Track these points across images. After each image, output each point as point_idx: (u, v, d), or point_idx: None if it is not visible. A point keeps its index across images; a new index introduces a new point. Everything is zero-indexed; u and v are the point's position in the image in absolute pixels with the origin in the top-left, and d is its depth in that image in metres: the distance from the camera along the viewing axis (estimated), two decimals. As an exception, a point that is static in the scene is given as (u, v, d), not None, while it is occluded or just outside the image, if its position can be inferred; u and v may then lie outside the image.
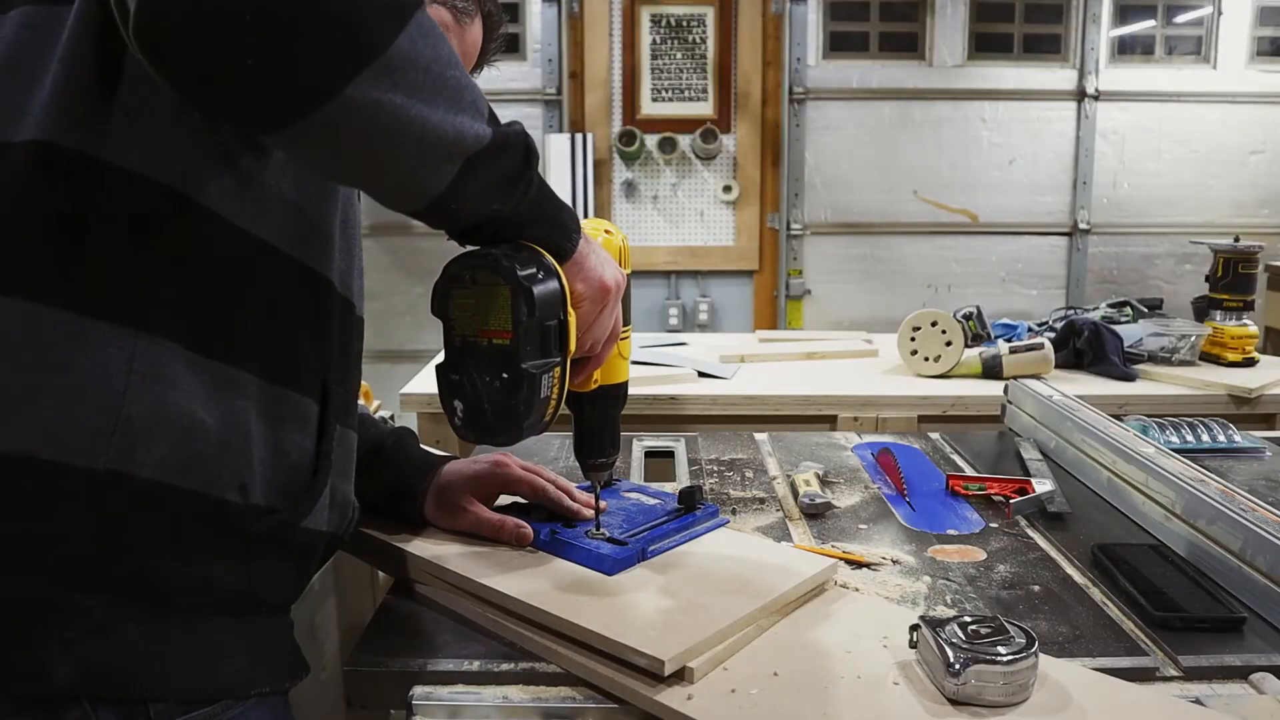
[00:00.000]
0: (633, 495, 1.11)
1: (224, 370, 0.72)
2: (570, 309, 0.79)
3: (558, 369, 0.79)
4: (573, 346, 0.80)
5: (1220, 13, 4.54)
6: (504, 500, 1.07)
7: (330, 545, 0.85)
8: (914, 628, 0.80)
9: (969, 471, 1.41)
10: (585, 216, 4.79)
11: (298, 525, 0.77)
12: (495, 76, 0.82)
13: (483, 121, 0.69)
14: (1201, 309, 2.34)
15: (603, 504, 1.06)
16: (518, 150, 0.73)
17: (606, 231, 0.91)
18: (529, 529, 0.98)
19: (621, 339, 0.91)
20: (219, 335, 0.72)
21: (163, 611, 0.69)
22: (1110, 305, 2.41)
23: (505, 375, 0.77)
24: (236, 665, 0.74)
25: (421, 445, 1.09)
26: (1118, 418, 1.45)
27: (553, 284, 0.77)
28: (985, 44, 4.57)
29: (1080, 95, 4.55)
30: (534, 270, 0.76)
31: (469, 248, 0.79)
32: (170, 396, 0.68)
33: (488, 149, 0.69)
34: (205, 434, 0.70)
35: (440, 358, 0.81)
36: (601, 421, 0.95)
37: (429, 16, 0.64)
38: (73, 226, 0.67)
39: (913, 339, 2.14)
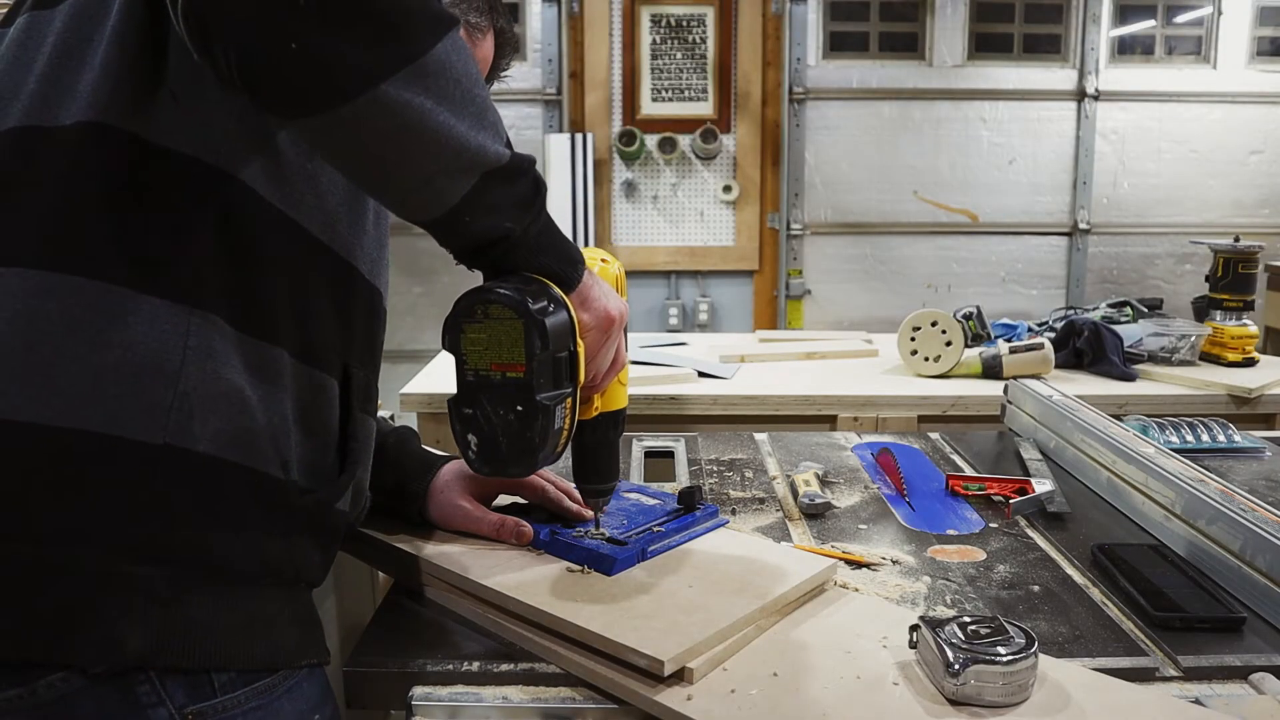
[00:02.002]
0: (633, 495, 1.11)
1: (264, 348, 0.74)
2: (579, 340, 0.80)
3: (569, 399, 0.80)
4: (582, 377, 0.81)
5: (1220, 13, 4.54)
6: (503, 501, 1.07)
7: (348, 531, 0.87)
8: (914, 628, 0.80)
9: (969, 471, 1.41)
10: (585, 217, 4.81)
11: (333, 505, 0.80)
12: (495, 76, 0.84)
13: (502, 144, 0.71)
14: (1201, 309, 2.34)
15: (590, 514, 1.05)
16: (530, 177, 0.75)
17: (603, 260, 0.91)
18: (529, 527, 0.98)
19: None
20: (260, 314, 0.74)
21: (221, 582, 0.71)
22: (1110, 305, 2.41)
23: (520, 408, 0.77)
24: (290, 636, 0.76)
25: (422, 445, 1.09)
26: (1118, 418, 1.45)
27: (563, 316, 0.78)
28: (985, 44, 4.57)
29: (1080, 95, 4.55)
30: (545, 303, 0.77)
31: (476, 281, 0.80)
32: (222, 372, 0.70)
33: (505, 169, 0.71)
34: (252, 410, 0.72)
35: (453, 392, 0.81)
36: (601, 446, 0.95)
37: (462, 37, 0.67)
38: (124, 205, 0.69)
39: (913, 339, 2.14)
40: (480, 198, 0.71)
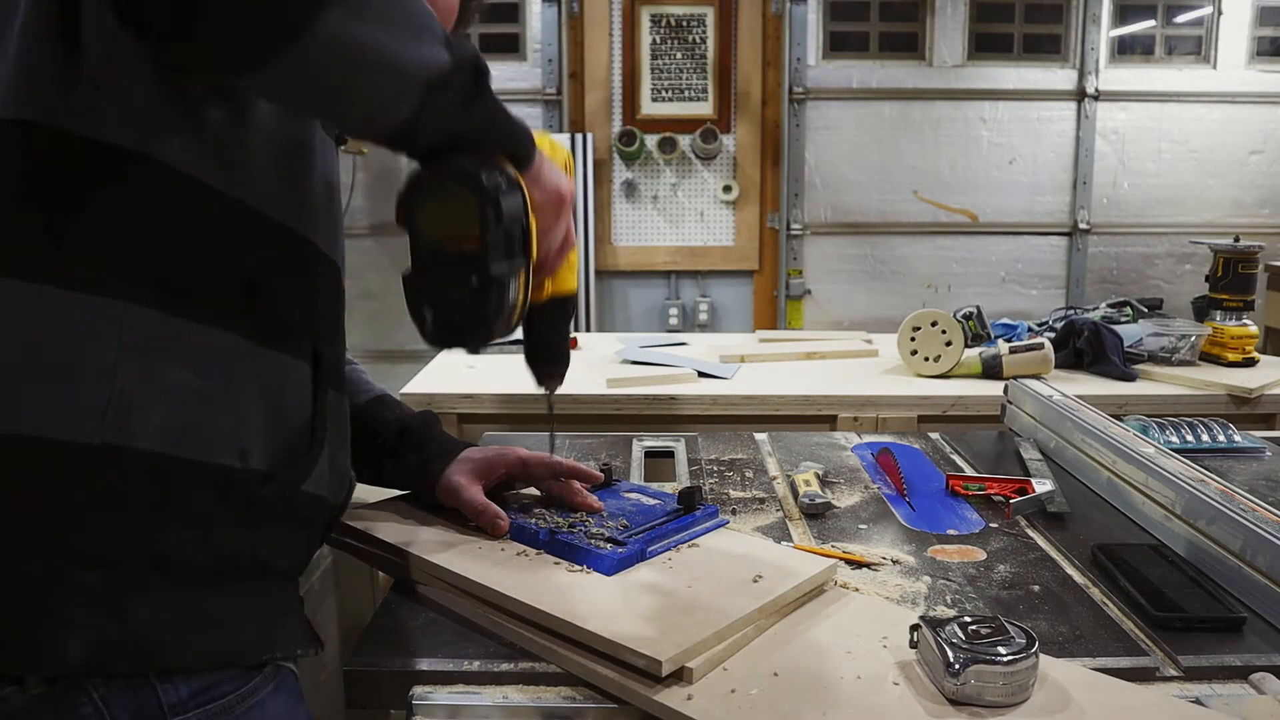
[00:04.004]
0: (632, 495, 1.11)
1: (212, 335, 0.72)
2: (530, 216, 0.81)
3: (523, 272, 0.81)
4: (535, 254, 0.82)
5: (1220, 13, 4.54)
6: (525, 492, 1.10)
7: (332, 516, 0.86)
8: (914, 628, 0.80)
9: (969, 471, 1.41)
10: (585, 217, 4.80)
11: (299, 489, 0.77)
12: (495, 76, 0.83)
13: (440, 45, 0.70)
14: (1201, 309, 2.34)
15: (599, 504, 1.06)
16: (469, 70, 0.74)
17: (551, 145, 0.91)
18: (505, 523, 1.00)
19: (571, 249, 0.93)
20: (204, 301, 0.71)
21: (170, 582, 0.69)
22: (1110, 305, 2.41)
23: (475, 279, 0.78)
24: (246, 632, 0.74)
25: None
26: (1118, 418, 1.45)
27: (516, 192, 0.79)
28: (985, 44, 4.57)
29: (1080, 95, 4.55)
30: (499, 179, 0.77)
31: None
32: (161, 365, 0.68)
33: (447, 72, 0.70)
34: (199, 401, 0.70)
35: (407, 267, 0.81)
36: (553, 332, 0.97)
37: None
38: (48, 202, 0.67)
39: (913, 339, 2.14)
40: (427, 107, 0.71)
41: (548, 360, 0.98)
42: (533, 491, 1.12)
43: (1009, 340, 2.24)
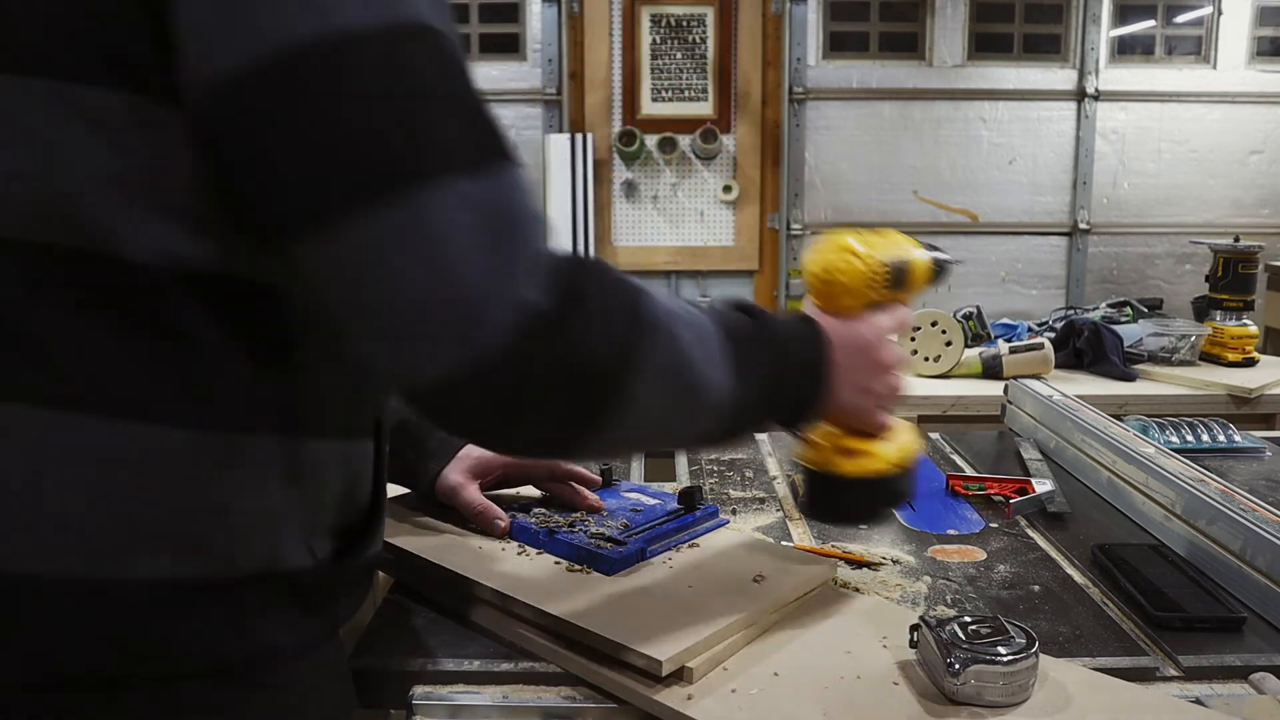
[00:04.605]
0: (633, 495, 1.11)
1: (318, 445, 0.68)
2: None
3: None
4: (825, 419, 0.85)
5: (1220, 13, 4.54)
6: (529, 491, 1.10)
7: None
8: (914, 628, 0.80)
9: (969, 471, 1.41)
10: (585, 217, 4.80)
11: (365, 556, 0.75)
12: (495, 77, 0.82)
13: (730, 373, 0.72)
14: (1201, 309, 2.34)
15: (600, 503, 1.06)
16: (761, 375, 0.75)
17: (851, 254, 0.82)
18: (505, 524, 1.00)
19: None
20: (319, 420, 0.68)
21: (268, 672, 0.66)
22: (1110, 305, 2.41)
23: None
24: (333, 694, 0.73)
25: None
26: (1118, 418, 1.45)
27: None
28: (985, 44, 4.57)
29: (1080, 95, 4.55)
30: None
31: None
32: (270, 489, 0.65)
33: (740, 402, 0.73)
34: (289, 514, 0.66)
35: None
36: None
37: (665, 332, 0.67)
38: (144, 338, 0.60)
39: (913, 339, 2.14)
40: (739, 428, 0.76)
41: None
42: (532, 491, 1.12)
43: (1009, 340, 2.24)
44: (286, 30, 0.54)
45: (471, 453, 1.06)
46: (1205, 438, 1.49)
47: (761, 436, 1.58)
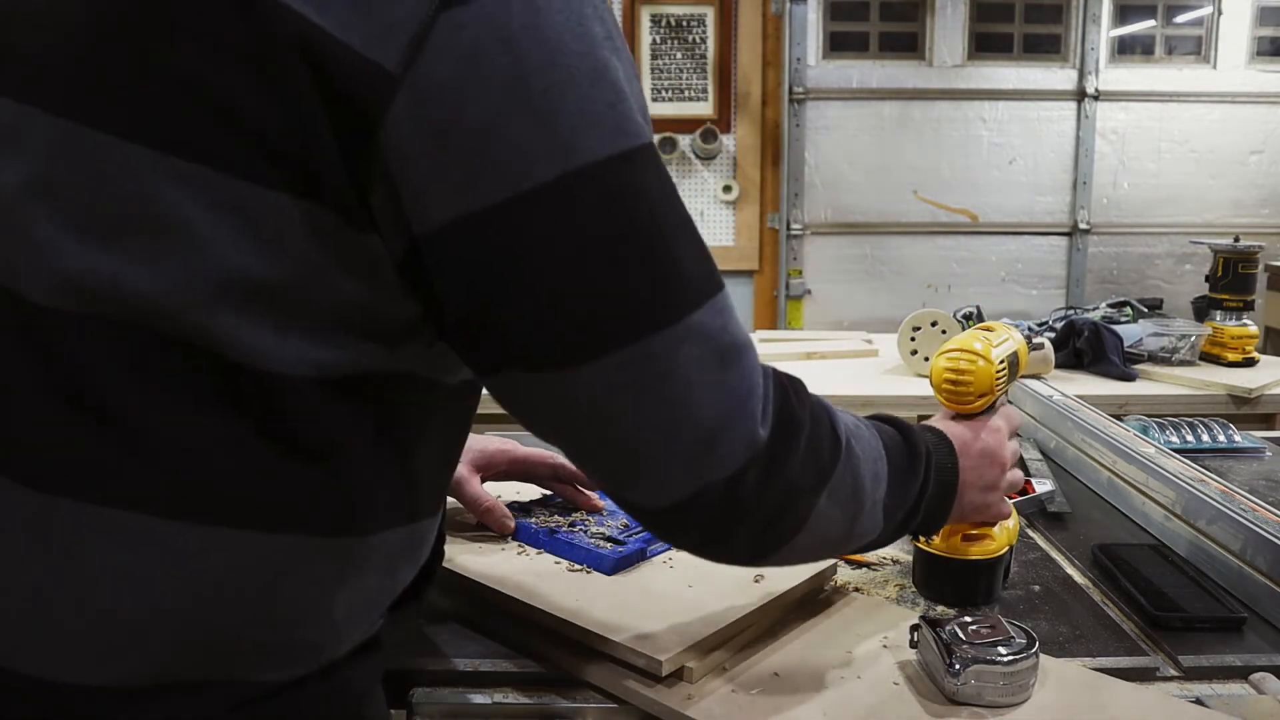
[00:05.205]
0: (633, 495, 1.11)
1: (393, 536, 0.66)
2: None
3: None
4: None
5: (1220, 13, 4.54)
6: (527, 491, 1.09)
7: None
8: (914, 628, 0.80)
9: (969, 471, 1.41)
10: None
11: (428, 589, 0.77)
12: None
13: (884, 494, 0.74)
14: (1201, 309, 2.33)
15: (601, 503, 1.06)
16: (914, 492, 0.78)
17: (978, 356, 0.86)
18: (512, 523, 0.99)
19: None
20: (404, 498, 0.66)
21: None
22: (1110, 305, 2.40)
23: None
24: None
25: None
26: (1118, 418, 1.45)
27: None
28: (985, 44, 4.57)
29: (1080, 95, 4.55)
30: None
31: None
32: (366, 582, 0.64)
33: (891, 519, 0.76)
34: (374, 599, 0.67)
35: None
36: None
37: (852, 453, 0.71)
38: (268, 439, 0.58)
39: (913, 339, 2.14)
40: (890, 532, 0.77)
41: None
42: (533, 490, 1.12)
43: (1009, 340, 2.23)
44: (529, 172, 0.53)
45: (474, 445, 1.05)
46: (1205, 438, 1.49)
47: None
